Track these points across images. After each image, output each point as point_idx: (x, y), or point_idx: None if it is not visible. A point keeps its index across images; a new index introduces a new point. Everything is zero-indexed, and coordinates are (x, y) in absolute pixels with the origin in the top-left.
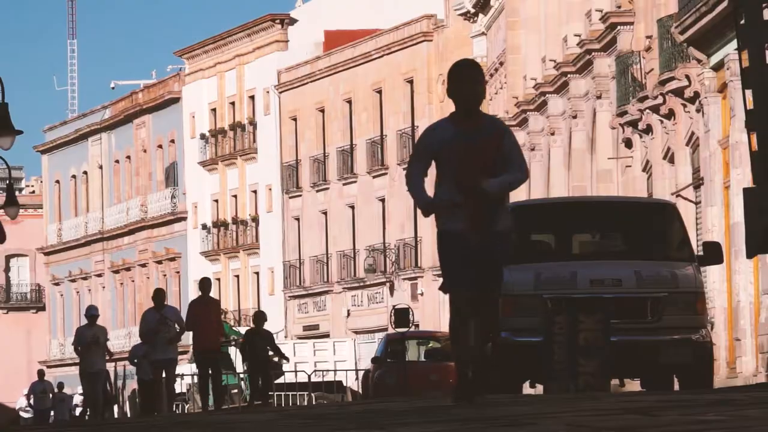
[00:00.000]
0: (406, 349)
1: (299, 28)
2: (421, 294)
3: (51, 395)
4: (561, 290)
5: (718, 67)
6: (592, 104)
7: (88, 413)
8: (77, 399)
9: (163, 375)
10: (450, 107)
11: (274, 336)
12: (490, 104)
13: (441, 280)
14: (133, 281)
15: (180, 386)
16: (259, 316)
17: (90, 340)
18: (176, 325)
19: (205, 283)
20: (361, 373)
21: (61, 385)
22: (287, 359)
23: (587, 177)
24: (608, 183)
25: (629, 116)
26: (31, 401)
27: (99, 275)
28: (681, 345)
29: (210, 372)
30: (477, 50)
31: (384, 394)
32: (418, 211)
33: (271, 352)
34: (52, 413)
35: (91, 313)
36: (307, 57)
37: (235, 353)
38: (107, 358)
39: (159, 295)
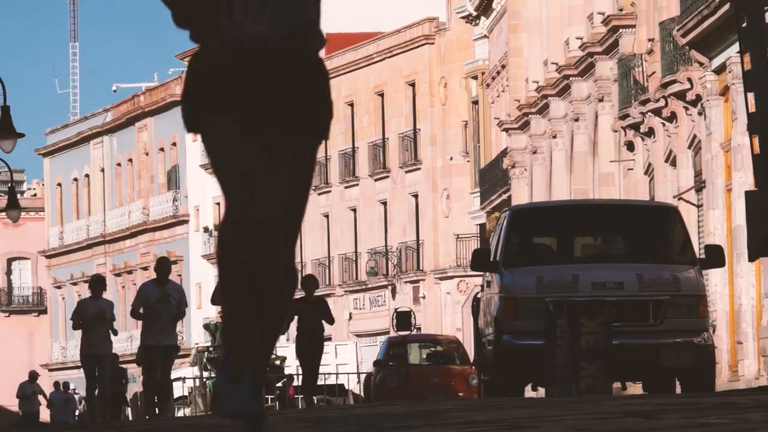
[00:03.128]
0: (408, 352)
1: None
2: (423, 297)
3: (40, 397)
4: (563, 293)
5: (720, 69)
6: (594, 107)
7: (84, 408)
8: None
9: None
10: (451, 109)
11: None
12: (493, 107)
13: (442, 283)
14: (134, 284)
15: (182, 389)
16: (310, 282)
17: (94, 315)
18: (177, 307)
19: None
20: (362, 377)
21: (66, 385)
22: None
23: (589, 180)
24: (610, 186)
25: (631, 119)
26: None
27: None
28: (683, 348)
29: None
30: (479, 53)
31: (386, 397)
32: (421, 213)
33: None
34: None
35: (97, 284)
36: None
37: None
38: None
39: (164, 266)
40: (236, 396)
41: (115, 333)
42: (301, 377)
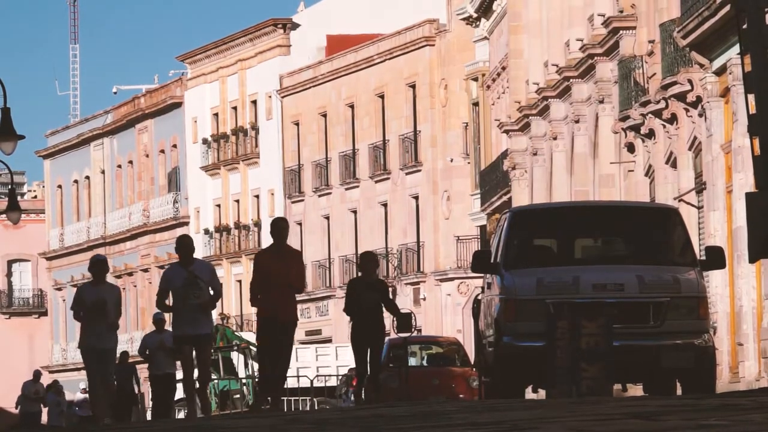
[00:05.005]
0: (409, 353)
1: (301, 32)
2: (424, 299)
3: (42, 397)
4: (563, 295)
5: (721, 71)
6: (595, 109)
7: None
8: (77, 396)
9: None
10: (452, 111)
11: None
12: (493, 109)
13: (443, 284)
14: (135, 286)
15: (182, 391)
16: (368, 259)
17: (94, 303)
18: (210, 289)
19: (278, 226)
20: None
21: (59, 388)
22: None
23: (590, 181)
24: (611, 188)
25: (632, 121)
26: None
27: None
28: (683, 349)
29: (273, 356)
30: (479, 55)
31: (386, 399)
32: (421, 215)
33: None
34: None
35: (98, 266)
36: (309, 61)
37: (237, 358)
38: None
39: (186, 245)
40: None
41: (115, 326)
42: (360, 371)
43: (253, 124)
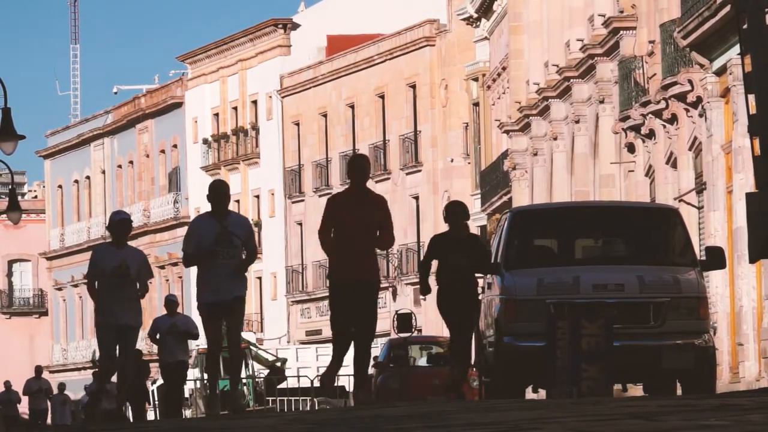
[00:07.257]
0: (409, 353)
1: (302, 32)
2: (424, 299)
3: (48, 395)
4: (564, 295)
5: (721, 71)
6: (595, 109)
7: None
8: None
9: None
10: (452, 111)
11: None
12: (493, 109)
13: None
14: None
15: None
16: (456, 210)
17: (115, 269)
18: (243, 249)
19: (359, 164)
20: None
21: (62, 386)
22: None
23: (590, 182)
24: (611, 188)
25: (632, 121)
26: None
27: None
28: (683, 350)
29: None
30: (480, 55)
31: (387, 399)
32: (421, 216)
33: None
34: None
35: (120, 226)
36: (309, 62)
37: None
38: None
39: (221, 192)
40: None
41: (143, 292)
42: (452, 338)
43: (253, 125)
